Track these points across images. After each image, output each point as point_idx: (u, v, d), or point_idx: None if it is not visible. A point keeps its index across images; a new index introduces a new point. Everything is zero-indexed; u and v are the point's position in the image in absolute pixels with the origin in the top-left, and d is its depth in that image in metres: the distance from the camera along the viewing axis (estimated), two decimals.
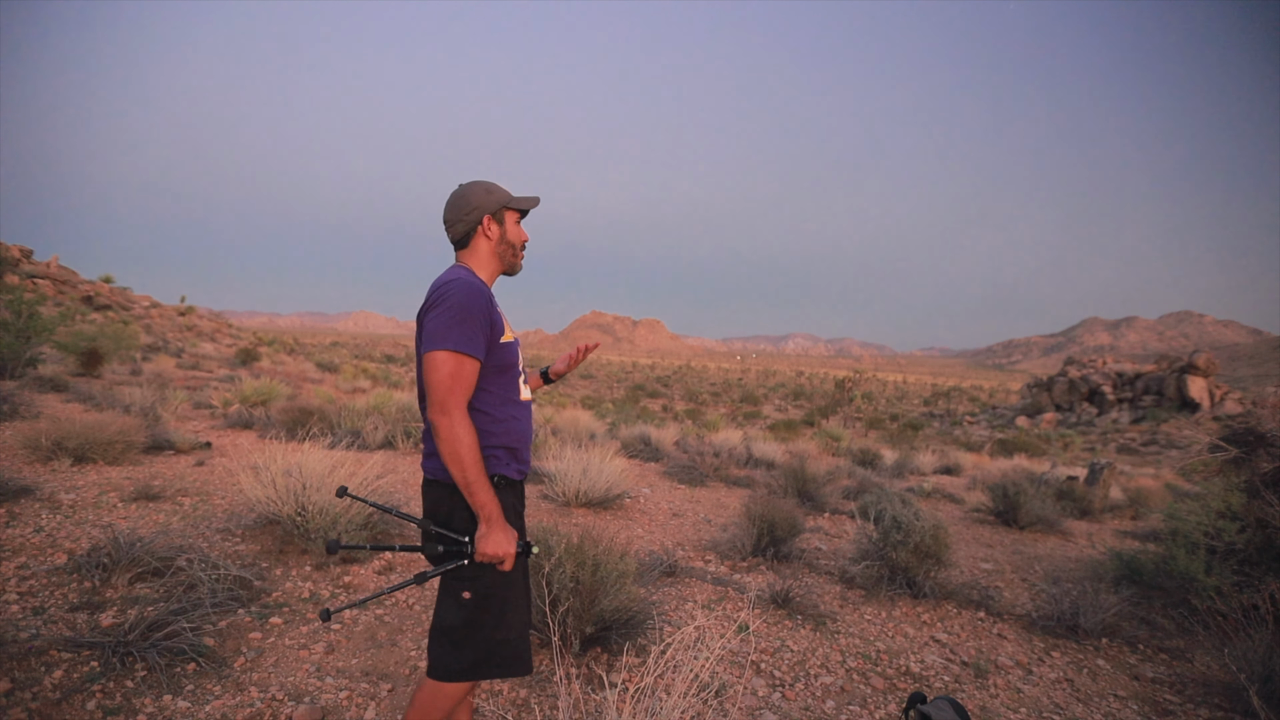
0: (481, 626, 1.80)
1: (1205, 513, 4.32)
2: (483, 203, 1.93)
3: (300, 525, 4.02)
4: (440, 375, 1.72)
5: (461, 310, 1.75)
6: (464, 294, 1.77)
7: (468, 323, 1.75)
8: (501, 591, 1.81)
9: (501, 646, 1.82)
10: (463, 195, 1.94)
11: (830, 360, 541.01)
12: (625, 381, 63.55)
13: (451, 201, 1.95)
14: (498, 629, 1.81)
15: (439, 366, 1.72)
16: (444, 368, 1.72)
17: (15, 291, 12.34)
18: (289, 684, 2.66)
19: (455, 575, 1.80)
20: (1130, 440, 32.97)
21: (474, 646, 1.80)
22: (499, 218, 1.96)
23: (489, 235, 1.95)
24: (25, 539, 3.71)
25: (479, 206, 1.93)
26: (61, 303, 23.90)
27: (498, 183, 2.00)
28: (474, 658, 1.80)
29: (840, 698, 3.00)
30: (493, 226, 1.95)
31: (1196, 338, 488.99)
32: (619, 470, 6.16)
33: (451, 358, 1.73)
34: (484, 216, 1.93)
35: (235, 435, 8.14)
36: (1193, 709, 3.12)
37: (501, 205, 1.95)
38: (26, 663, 2.49)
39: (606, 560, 3.10)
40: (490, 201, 1.94)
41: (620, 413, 18.91)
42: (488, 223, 1.94)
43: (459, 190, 1.96)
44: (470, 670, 1.80)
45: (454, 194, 1.96)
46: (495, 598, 1.81)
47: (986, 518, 7.10)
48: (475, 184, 1.96)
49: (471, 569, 1.79)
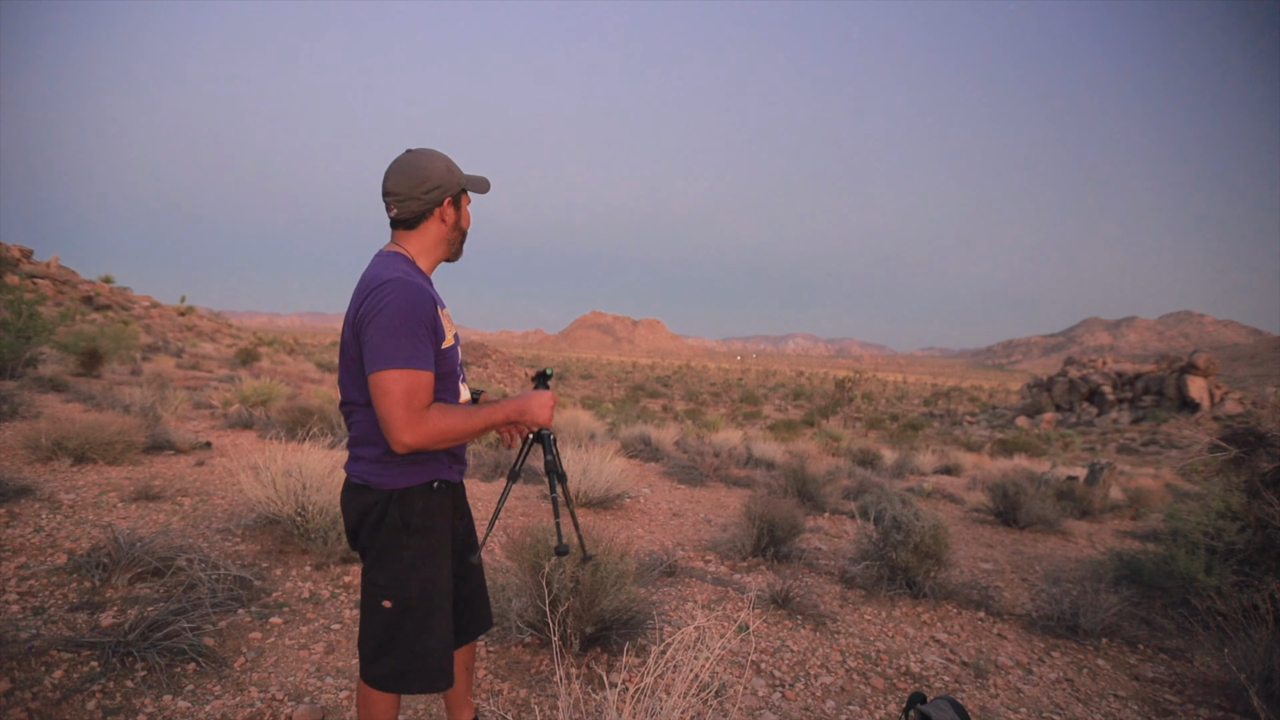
0: (404, 637, 1.73)
1: (1205, 513, 4.32)
2: (445, 182, 1.70)
3: (300, 525, 4.02)
4: (394, 398, 1.53)
5: (408, 319, 1.56)
6: (408, 299, 1.57)
7: (415, 333, 1.57)
8: (423, 604, 1.73)
9: (422, 659, 1.73)
10: (420, 169, 1.68)
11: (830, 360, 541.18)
12: (625, 381, 63.55)
13: (404, 172, 1.68)
14: (419, 639, 1.73)
15: (390, 389, 1.53)
16: (396, 387, 1.53)
17: (15, 291, 12.33)
18: (289, 684, 2.66)
19: (375, 583, 1.74)
20: (1130, 440, 32.97)
21: (395, 656, 1.73)
22: (457, 201, 1.76)
23: (444, 220, 1.74)
24: (25, 539, 3.71)
25: (441, 186, 1.70)
26: (61, 303, 23.90)
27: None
28: (395, 667, 1.73)
29: (840, 698, 3.00)
30: (450, 211, 1.75)
31: (1196, 338, 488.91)
32: (619, 470, 6.16)
33: (405, 375, 1.54)
34: (445, 198, 1.72)
35: (235, 435, 8.14)
36: (1193, 709, 3.12)
37: (461, 187, 1.74)
38: (26, 663, 2.48)
39: (606, 560, 3.11)
40: (451, 181, 1.71)
41: (620, 413, 18.91)
42: (447, 205, 1.73)
43: (412, 160, 1.69)
44: (391, 679, 1.74)
45: (405, 163, 1.69)
46: (416, 610, 1.73)
47: (986, 518, 7.10)
48: (434, 156, 1.71)
49: (391, 577, 1.72)
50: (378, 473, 1.71)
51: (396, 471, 1.71)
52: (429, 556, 1.75)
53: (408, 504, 1.72)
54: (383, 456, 1.71)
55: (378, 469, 1.71)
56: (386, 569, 1.72)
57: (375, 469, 1.72)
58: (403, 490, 1.72)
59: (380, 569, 1.73)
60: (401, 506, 1.71)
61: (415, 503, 1.73)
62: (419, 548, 1.73)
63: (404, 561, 1.72)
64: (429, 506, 1.75)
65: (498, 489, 6.45)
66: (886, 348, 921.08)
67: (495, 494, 6.23)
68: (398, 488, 1.71)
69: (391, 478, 1.71)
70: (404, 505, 1.71)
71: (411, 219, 1.73)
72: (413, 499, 1.72)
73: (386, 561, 1.72)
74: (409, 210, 1.71)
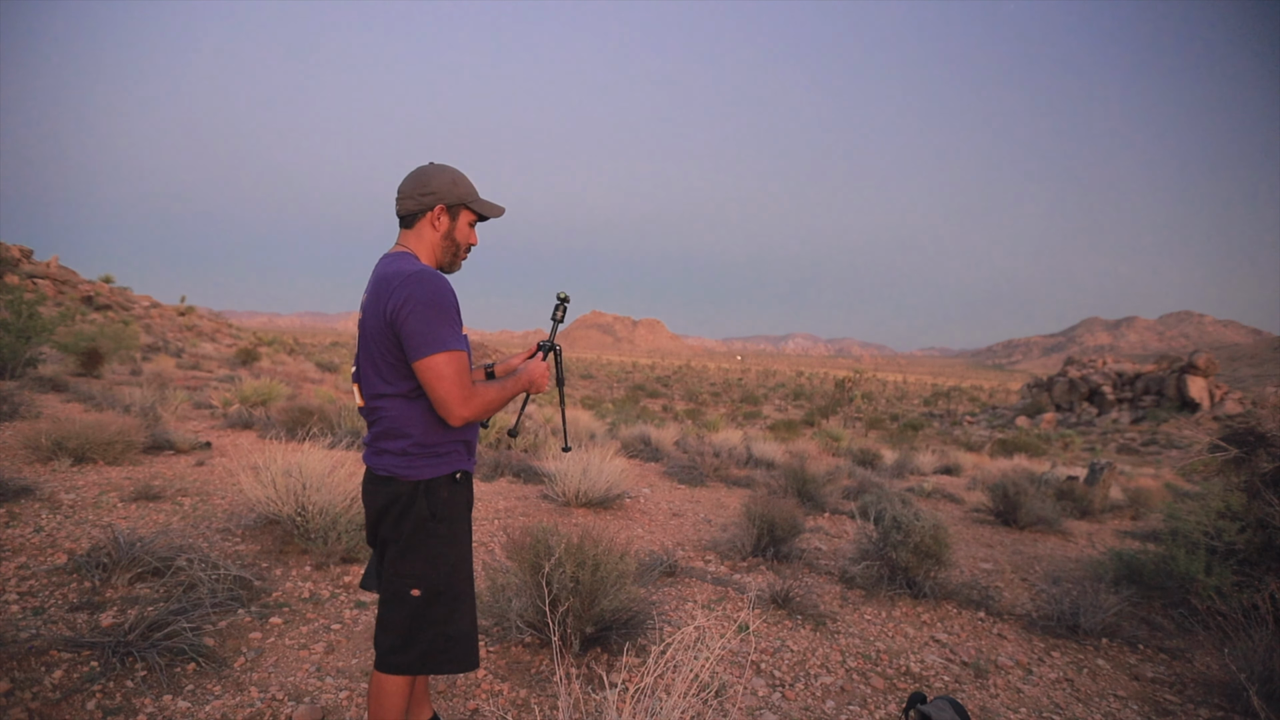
0: (432, 622, 1.81)
1: (1205, 513, 4.32)
2: (442, 190, 1.83)
3: (300, 525, 4.02)
4: (450, 379, 1.69)
5: (446, 305, 1.72)
6: (441, 288, 1.73)
7: (451, 317, 1.72)
8: (450, 589, 1.83)
9: (452, 643, 1.83)
10: (426, 175, 1.84)
11: (830, 360, 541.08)
12: (625, 381, 63.55)
13: (414, 175, 1.86)
14: (449, 623, 1.82)
15: (444, 370, 1.68)
16: (449, 369, 1.69)
17: (15, 291, 12.34)
18: (289, 684, 2.66)
19: (402, 573, 1.80)
20: (1130, 440, 32.97)
21: (424, 641, 1.80)
22: (453, 213, 1.86)
23: (436, 226, 1.85)
24: (25, 539, 3.71)
25: (436, 193, 1.83)
26: (61, 303, 23.91)
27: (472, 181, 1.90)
28: (422, 651, 1.81)
29: (840, 698, 3.00)
30: (442, 219, 1.85)
31: (1196, 338, 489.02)
32: (619, 470, 6.15)
33: (454, 358, 1.70)
34: (437, 205, 1.84)
35: (235, 435, 8.14)
36: (1193, 709, 3.12)
37: (461, 201, 1.85)
38: (26, 663, 2.48)
39: (606, 560, 3.10)
40: (451, 193, 1.84)
41: (620, 413, 18.91)
42: (438, 212, 1.84)
43: (425, 168, 1.86)
44: (418, 664, 1.81)
45: (419, 169, 1.87)
46: (445, 594, 1.82)
47: (986, 518, 7.10)
48: (445, 170, 1.86)
49: (420, 566, 1.79)
50: (404, 465, 1.79)
51: (421, 464, 1.80)
52: (455, 544, 1.85)
53: (434, 495, 1.81)
54: (409, 449, 1.79)
55: (404, 461, 1.80)
56: (416, 558, 1.80)
57: (401, 461, 1.80)
58: (429, 481, 1.81)
59: (409, 559, 1.80)
60: (429, 497, 1.80)
61: (440, 493, 1.82)
62: (446, 536, 1.83)
63: (432, 550, 1.81)
64: (453, 496, 1.85)
65: (497, 488, 6.46)
66: (886, 348, 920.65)
67: (495, 493, 6.24)
68: (423, 479, 1.80)
69: (417, 470, 1.79)
70: (431, 496, 1.81)
71: (408, 217, 1.87)
72: (438, 490, 1.82)
73: (415, 551, 1.80)
74: (405, 208, 1.86)
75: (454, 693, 2.73)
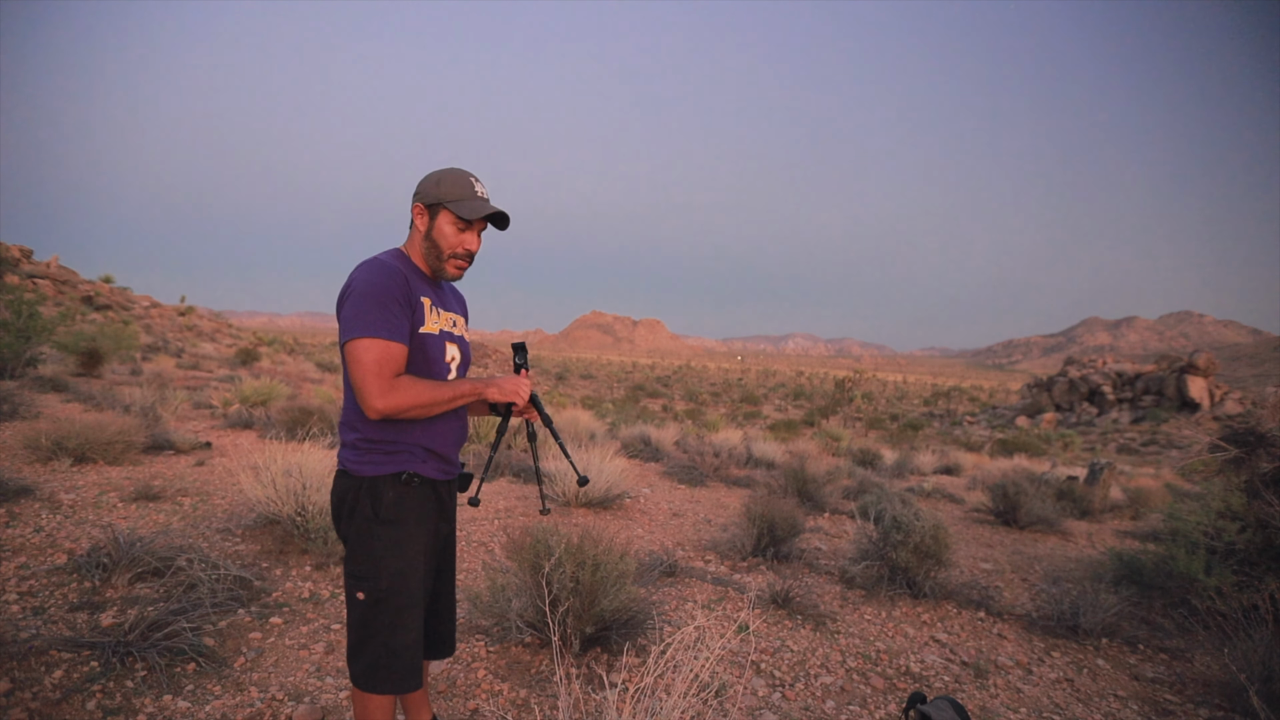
0: (378, 630, 1.74)
1: (1205, 513, 4.32)
2: (424, 190, 1.81)
3: (300, 525, 4.02)
4: (365, 366, 1.62)
5: (378, 293, 1.66)
6: (376, 274, 1.69)
7: (386, 306, 1.66)
8: (393, 597, 1.75)
9: (395, 658, 1.75)
10: (426, 177, 1.83)
11: (830, 360, 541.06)
12: (625, 381, 63.55)
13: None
14: (392, 635, 1.75)
15: (361, 356, 1.62)
16: (367, 355, 1.62)
17: (15, 291, 12.34)
18: (289, 684, 2.66)
19: (349, 573, 1.77)
20: (1130, 440, 32.97)
21: (370, 651, 1.75)
22: (432, 213, 1.81)
23: (417, 225, 1.84)
24: (25, 539, 3.71)
25: (419, 192, 1.81)
26: (61, 303, 23.90)
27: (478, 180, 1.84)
28: (369, 663, 1.75)
29: (840, 698, 3.00)
30: (421, 218, 1.82)
31: (1196, 338, 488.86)
32: (619, 470, 6.15)
33: (375, 345, 1.63)
34: (415, 203, 1.82)
35: (235, 435, 8.14)
36: (1193, 709, 3.12)
37: (439, 201, 1.79)
38: (26, 663, 2.48)
39: (606, 560, 3.10)
40: (430, 193, 1.80)
41: (620, 413, 18.91)
42: (417, 211, 1.82)
43: (434, 170, 1.86)
44: (366, 677, 1.75)
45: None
46: (387, 604, 1.74)
47: (986, 518, 7.10)
48: (443, 171, 1.84)
49: (362, 567, 1.74)
50: (354, 459, 1.77)
51: (369, 460, 1.75)
52: (398, 549, 1.77)
53: (377, 494, 1.75)
54: (358, 442, 1.76)
55: (354, 455, 1.77)
56: (358, 559, 1.76)
57: (352, 455, 1.77)
58: (373, 479, 1.75)
59: (353, 559, 1.77)
60: (371, 496, 1.75)
61: (385, 493, 1.76)
62: (389, 539, 1.76)
63: (374, 553, 1.75)
64: (400, 498, 1.77)
65: (497, 488, 6.45)
66: (886, 348, 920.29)
67: (494, 493, 6.23)
68: (368, 476, 1.75)
69: (364, 465, 1.75)
70: (373, 495, 1.75)
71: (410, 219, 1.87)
72: (382, 489, 1.75)
73: (358, 551, 1.76)
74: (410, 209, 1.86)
75: (454, 693, 2.73)
